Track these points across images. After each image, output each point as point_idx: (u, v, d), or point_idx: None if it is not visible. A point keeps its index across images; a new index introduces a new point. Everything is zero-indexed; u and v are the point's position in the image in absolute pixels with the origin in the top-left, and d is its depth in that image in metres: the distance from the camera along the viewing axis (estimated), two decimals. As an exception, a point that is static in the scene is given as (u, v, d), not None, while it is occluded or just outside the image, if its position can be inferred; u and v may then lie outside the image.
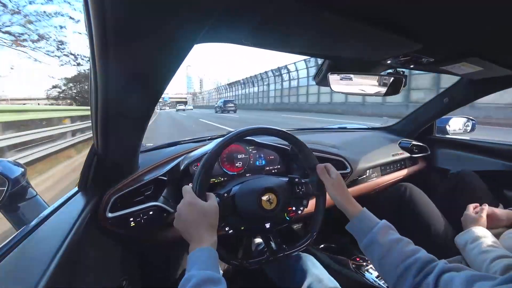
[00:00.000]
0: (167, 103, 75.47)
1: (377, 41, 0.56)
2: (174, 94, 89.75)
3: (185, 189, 0.55)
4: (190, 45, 0.38)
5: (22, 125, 4.27)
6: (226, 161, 0.86)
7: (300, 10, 0.39)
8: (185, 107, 39.00)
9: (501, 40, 0.55)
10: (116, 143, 0.59)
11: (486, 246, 0.64)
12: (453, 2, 0.37)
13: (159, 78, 0.44)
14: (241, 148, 0.88)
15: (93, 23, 0.29)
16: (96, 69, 0.37)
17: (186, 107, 38.90)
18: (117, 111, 0.48)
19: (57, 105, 10.37)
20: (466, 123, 1.43)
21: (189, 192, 0.54)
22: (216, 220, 0.53)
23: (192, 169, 0.79)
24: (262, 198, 0.63)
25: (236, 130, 0.63)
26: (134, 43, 0.34)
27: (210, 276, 0.41)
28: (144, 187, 0.70)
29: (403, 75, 0.83)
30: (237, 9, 0.38)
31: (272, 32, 0.49)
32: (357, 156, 1.08)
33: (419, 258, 0.45)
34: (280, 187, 0.67)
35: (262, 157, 0.92)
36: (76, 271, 0.48)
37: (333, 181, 0.65)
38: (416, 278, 0.43)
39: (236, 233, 0.65)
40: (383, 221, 0.55)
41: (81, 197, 0.63)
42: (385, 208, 1.04)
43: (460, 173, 1.08)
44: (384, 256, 0.50)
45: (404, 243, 0.50)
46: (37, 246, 0.43)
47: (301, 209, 0.73)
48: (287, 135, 0.68)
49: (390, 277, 0.48)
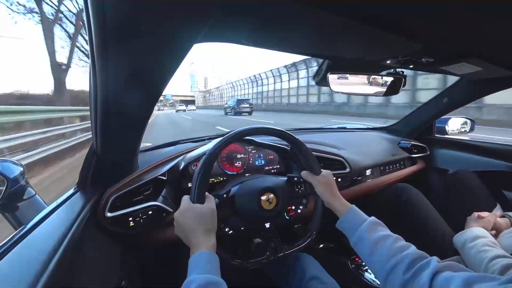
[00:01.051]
0: (169, 101, 72.73)
1: (376, 42, 0.56)
2: (180, 93, 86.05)
3: (183, 198, 0.56)
4: (190, 44, 0.38)
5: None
6: (226, 161, 0.86)
7: (300, 10, 0.39)
8: (186, 108, 33.88)
9: (500, 40, 0.55)
10: (116, 142, 0.59)
11: (484, 246, 0.64)
12: (453, 3, 0.37)
13: (158, 78, 0.44)
14: (240, 148, 0.88)
15: (92, 22, 0.29)
16: (95, 69, 0.37)
17: (187, 108, 33.69)
18: (116, 110, 0.48)
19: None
20: (465, 123, 1.44)
21: (185, 199, 0.55)
22: (214, 223, 0.53)
23: (191, 169, 0.79)
24: (262, 198, 0.63)
25: (235, 130, 0.63)
26: (133, 42, 0.34)
27: (211, 279, 0.42)
28: (143, 187, 0.70)
29: (403, 75, 0.83)
30: (237, 9, 0.38)
31: (272, 32, 0.49)
32: (357, 156, 1.09)
33: (409, 254, 0.44)
34: (279, 187, 0.67)
35: (261, 157, 0.92)
36: (75, 271, 0.47)
37: (319, 179, 0.65)
38: (406, 275, 0.42)
39: (236, 234, 0.65)
40: (371, 218, 0.55)
41: (80, 196, 0.63)
42: (383, 208, 1.04)
43: (458, 173, 1.08)
44: (372, 252, 0.49)
45: (393, 239, 0.49)
46: (36, 246, 0.43)
47: (300, 209, 0.73)
48: (286, 135, 0.68)
49: (379, 274, 0.47)
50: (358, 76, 0.83)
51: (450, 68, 0.79)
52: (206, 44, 0.52)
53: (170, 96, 74.32)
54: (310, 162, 0.68)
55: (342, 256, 1.05)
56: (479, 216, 0.78)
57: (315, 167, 0.68)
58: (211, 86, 78.87)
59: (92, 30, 0.30)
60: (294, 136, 0.69)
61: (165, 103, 75.59)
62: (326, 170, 0.69)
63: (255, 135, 0.84)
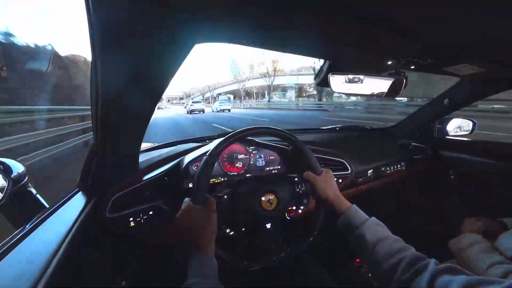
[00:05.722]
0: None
1: (377, 42, 0.56)
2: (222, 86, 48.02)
3: (185, 200, 0.56)
4: (191, 45, 0.38)
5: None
6: (227, 161, 0.86)
7: (300, 11, 0.39)
8: (198, 106, 19.36)
9: (501, 41, 0.55)
10: (117, 142, 0.59)
11: (480, 252, 0.63)
12: (454, 3, 0.37)
13: (159, 78, 0.44)
14: (241, 148, 0.88)
15: (94, 23, 0.29)
16: (97, 68, 0.37)
17: (197, 106, 19.18)
18: (117, 110, 0.48)
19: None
20: (466, 124, 1.43)
21: (186, 201, 0.55)
22: (214, 227, 0.53)
23: (192, 169, 0.79)
24: (262, 198, 0.63)
25: (236, 130, 0.63)
26: (134, 43, 0.34)
27: (209, 284, 0.42)
28: (144, 187, 0.70)
29: (404, 76, 0.83)
30: (237, 10, 0.38)
31: (272, 33, 0.49)
32: (358, 157, 1.08)
33: (407, 256, 0.44)
34: (280, 187, 0.67)
35: (262, 157, 0.92)
36: (75, 271, 0.47)
37: (319, 178, 0.65)
38: (403, 277, 0.42)
39: (237, 234, 0.65)
40: (371, 218, 0.55)
41: (81, 197, 0.63)
42: (384, 209, 1.04)
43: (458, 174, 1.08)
44: (371, 252, 0.49)
45: (393, 240, 0.49)
46: (36, 246, 0.43)
47: (301, 209, 0.73)
48: (287, 135, 0.67)
49: (377, 274, 0.47)
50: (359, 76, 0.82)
51: (451, 69, 0.79)
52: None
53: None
54: (311, 162, 0.68)
55: (343, 256, 1.04)
56: (473, 220, 0.78)
57: (315, 166, 0.68)
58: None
59: (93, 30, 0.30)
60: (295, 136, 0.69)
61: (170, 100, 58.47)
62: (326, 169, 0.69)
63: (256, 135, 0.84)
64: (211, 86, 49.92)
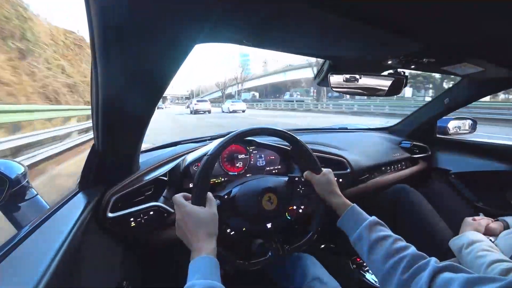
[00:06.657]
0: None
1: (377, 42, 0.56)
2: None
3: (175, 198, 0.54)
4: (191, 45, 0.38)
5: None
6: (227, 161, 0.86)
7: (301, 11, 0.39)
8: (203, 106, 17.05)
9: (502, 40, 0.54)
10: (117, 142, 0.59)
11: (481, 251, 0.63)
12: (454, 3, 0.37)
13: (160, 78, 0.44)
14: (241, 148, 0.88)
15: (94, 23, 0.29)
16: (97, 69, 0.37)
17: (202, 106, 16.90)
18: (118, 110, 0.48)
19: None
20: (467, 124, 1.43)
21: (182, 202, 0.53)
22: (215, 227, 0.52)
23: (193, 169, 0.79)
24: (263, 198, 0.63)
25: (236, 131, 0.63)
26: (134, 43, 0.34)
27: (210, 285, 0.42)
28: (144, 187, 0.70)
29: (404, 76, 0.83)
30: (237, 10, 0.38)
31: (273, 33, 0.49)
32: (358, 156, 1.08)
33: (407, 255, 0.44)
34: (280, 187, 0.67)
35: (262, 157, 0.92)
36: (76, 271, 0.48)
37: (320, 178, 0.65)
38: (404, 276, 0.42)
39: (237, 234, 0.65)
40: (372, 217, 0.55)
41: (81, 197, 0.63)
42: (384, 208, 1.04)
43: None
44: (371, 252, 0.49)
45: (393, 240, 0.49)
46: (37, 246, 0.43)
47: (301, 209, 0.73)
48: (287, 135, 0.68)
49: (378, 273, 0.47)
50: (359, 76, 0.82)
51: (452, 69, 0.79)
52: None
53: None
54: (311, 162, 0.68)
55: (343, 256, 1.05)
56: (473, 219, 0.78)
57: (315, 166, 0.68)
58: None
59: (93, 30, 0.30)
60: (295, 136, 0.69)
61: (173, 99, 53.73)
62: (327, 168, 0.69)
63: (256, 135, 0.84)
64: (239, 78, 40.65)
